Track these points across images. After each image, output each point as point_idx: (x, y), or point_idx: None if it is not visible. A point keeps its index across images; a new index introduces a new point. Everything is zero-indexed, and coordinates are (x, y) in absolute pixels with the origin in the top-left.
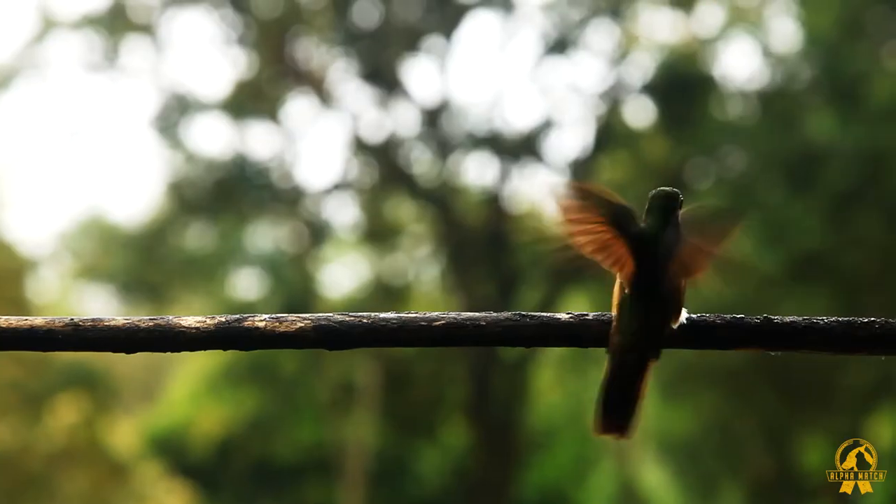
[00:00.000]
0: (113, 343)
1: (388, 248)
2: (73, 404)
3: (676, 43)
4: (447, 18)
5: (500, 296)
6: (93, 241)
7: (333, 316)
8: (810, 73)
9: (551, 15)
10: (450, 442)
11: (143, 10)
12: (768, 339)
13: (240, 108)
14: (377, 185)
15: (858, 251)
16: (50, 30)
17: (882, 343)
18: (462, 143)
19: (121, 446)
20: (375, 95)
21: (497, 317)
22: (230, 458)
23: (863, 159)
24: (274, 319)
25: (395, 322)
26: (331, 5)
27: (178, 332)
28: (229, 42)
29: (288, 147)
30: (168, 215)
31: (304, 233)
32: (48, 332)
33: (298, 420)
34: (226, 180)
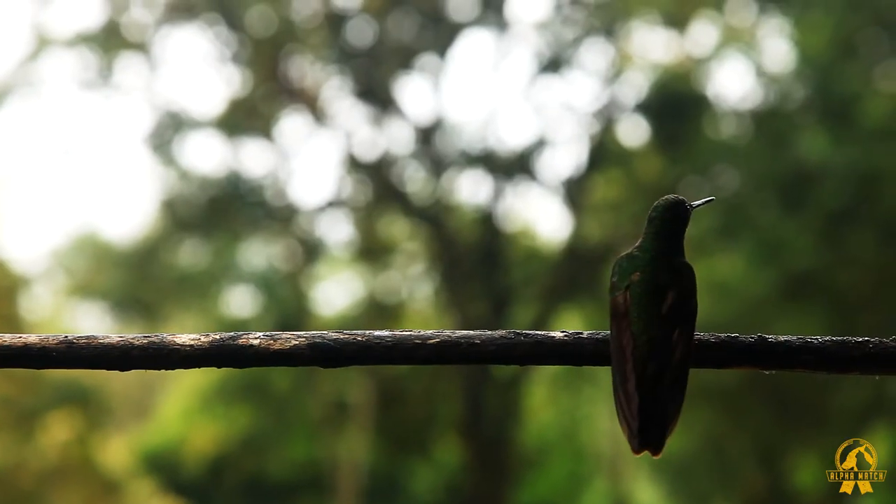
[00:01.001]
0: (107, 360)
1: (381, 265)
2: (66, 421)
3: (670, 62)
4: (441, 37)
5: (494, 314)
6: (86, 259)
7: (328, 334)
8: (803, 93)
9: (545, 34)
10: (443, 459)
11: (137, 28)
12: (762, 358)
13: (234, 125)
14: (371, 203)
15: (852, 271)
16: (44, 48)
17: (876, 362)
18: (456, 161)
19: (113, 463)
20: (369, 113)
21: (491, 335)
22: (223, 475)
23: (855, 179)
24: (268, 337)
25: (389, 340)
26: (325, 23)
27: (173, 349)
28: (223, 60)
29: (282, 165)
30: (162, 233)
31: (298, 250)
32: (42, 350)
33: (291, 437)
34: (219, 198)
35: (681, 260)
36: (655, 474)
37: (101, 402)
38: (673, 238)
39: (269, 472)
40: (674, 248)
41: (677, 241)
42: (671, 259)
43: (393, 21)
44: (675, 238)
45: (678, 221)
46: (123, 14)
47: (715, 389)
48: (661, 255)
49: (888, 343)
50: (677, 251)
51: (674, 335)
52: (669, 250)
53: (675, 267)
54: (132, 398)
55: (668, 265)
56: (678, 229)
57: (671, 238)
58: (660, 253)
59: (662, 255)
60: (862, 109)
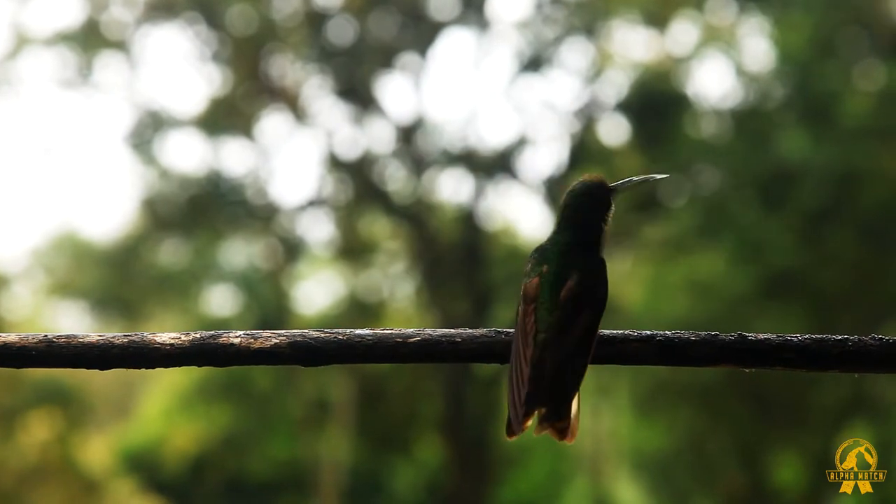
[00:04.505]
0: (87, 359)
1: (362, 264)
2: (46, 421)
3: (650, 61)
4: (422, 36)
5: (475, 312)
6: (66, 258)
7: (308, 332)
8: (783, 92)
9: (526, 33)
10: (424, 458)
11: (116, 27)
12: (743, 356)
13: (214, 124)
14: (352, 202)
15: (831, 269)
16: (23, 46)
17: (855, 360)
18: (437, 160)
19: (94, 463)
20: (350, 112)
21: (472, 333)
22: (204, 474)
23: (835, 178)
24: (249, 336)
25: (370, 339)
26: (306, 22)
27: (153, 348)
28: (204, 59)
29: (262, 164)
30: (142, 231)
31: (279, 249)
32: (21, 349)
33: (272, 436)
34: (200, 197)
35: (593, 256)
36: (636, 472)
37: (82, 402)
38: (587, 227)
39: (249, 472)
40: (588, 238)
41: (593, 229)
42: (584, 252)
43: (374, 20)
44: (591, 227)
45: (594, 207)
46: (103, 13)
47: (695, 388)
48: (571, 247)
49: (867, 341)
50: (592, 241)
51: (578, 319)
52: (583, 241)
53: (585, 263)
54: (112, 397)
55: (577, 260)
56: (595, 216)
57: (585, 228)
58: (571, 246)
59: (573, 248)
60: (841, 108)
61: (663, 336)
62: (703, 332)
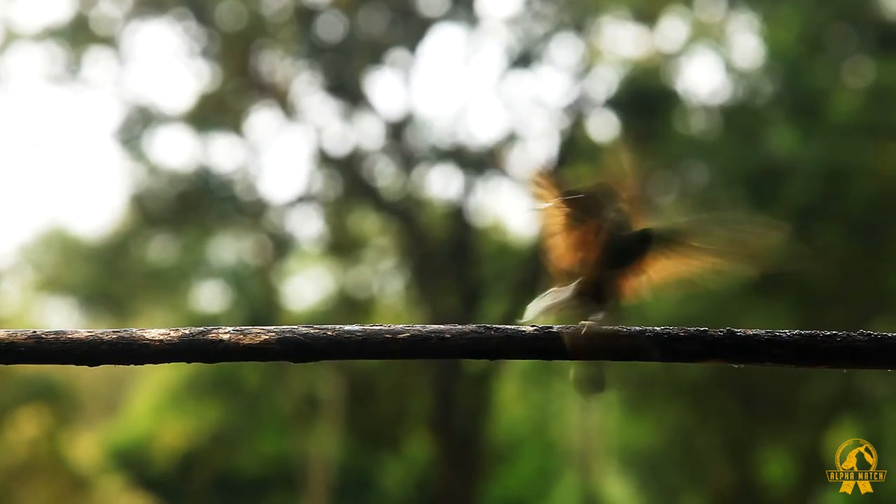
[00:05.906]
0: (76, 356)
1: (351, 260)
2: (35, 417)
3: (640, 58)
4: (411, 32)
5: (465, 308)
6: (54, 254)
7: (298, 328)
8: (772, 88)
9: (515, 29)
10: (413, 454)
11: (105, 22)
12: (731, 351)
13: (203, 120)
14: (341, 198)
15: (821, 265)
16: (11, 42)
17: (844, 356)
18: (426, 156)
19: (83, 460)
20: (339, 108)
21: (461, 329)
22: (193, 471)
23: (824, 174)
24: (238, 332)
25: (359, 334)
26: (295, 18)
27: (142, 344)
28: (193, 54)
29: (252, 160)
30: (131, 227)
31: (268, 245)
32: (9, 345)
33: (262, 433)
34: (189, 193)
35: None
36: (625, 469)
37: (71, 398)
38: None
39: (239, 468)
40: None
41: None
42: None
43: (363, 16)
44: None
45: None
46: (92, 8)
47: (684, 384)
48: None
49: (856, 337)
50: None
51: None
52: None
53: None
54: (101, 394)
55: None
56: None
57: None
58: None
59: None
60: (830, 105)
61: (652, 332)
62: (692, 327)
